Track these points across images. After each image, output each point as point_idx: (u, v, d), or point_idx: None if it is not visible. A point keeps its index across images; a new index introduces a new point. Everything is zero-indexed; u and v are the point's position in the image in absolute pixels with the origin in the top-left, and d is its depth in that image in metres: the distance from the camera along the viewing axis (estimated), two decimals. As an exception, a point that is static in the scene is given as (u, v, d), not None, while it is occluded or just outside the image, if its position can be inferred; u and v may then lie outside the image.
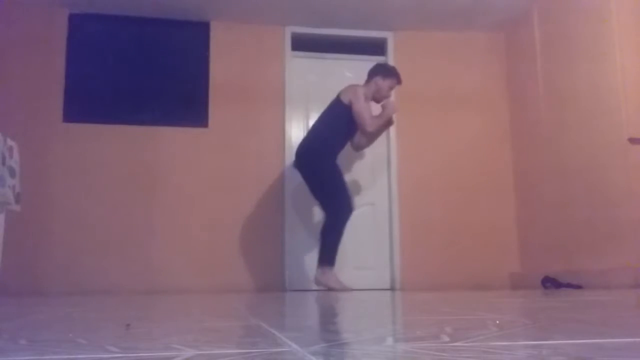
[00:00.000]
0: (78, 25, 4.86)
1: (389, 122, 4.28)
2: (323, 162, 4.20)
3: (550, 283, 4.24)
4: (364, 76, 5.00)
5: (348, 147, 4.45)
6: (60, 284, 4.39)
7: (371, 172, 5.07)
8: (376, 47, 5.31)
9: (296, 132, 5.07)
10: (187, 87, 4.96)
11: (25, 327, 1.30)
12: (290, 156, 4.98)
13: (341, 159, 4.58)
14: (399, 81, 4.35)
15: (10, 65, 4.64)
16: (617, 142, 3.94)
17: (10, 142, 3.02)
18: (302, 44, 5.19)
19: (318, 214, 4.43)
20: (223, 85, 4.98)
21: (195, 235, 4.73)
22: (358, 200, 4.56)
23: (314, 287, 4.75)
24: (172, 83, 4.95)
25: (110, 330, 1.21)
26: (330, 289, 4.03)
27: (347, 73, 5.15)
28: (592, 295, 2.74)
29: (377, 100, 4.33)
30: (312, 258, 4.75)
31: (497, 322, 1.26)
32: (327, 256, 4.07)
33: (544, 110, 4.76)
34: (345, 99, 4.24)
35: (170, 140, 4.85)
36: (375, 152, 4.79)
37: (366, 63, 5.26)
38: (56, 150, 4.66)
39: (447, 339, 0.95)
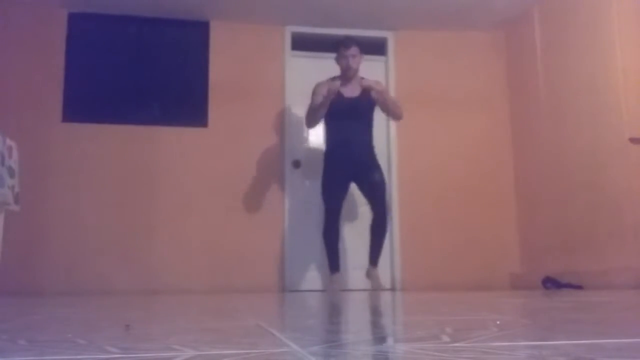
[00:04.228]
0: (77, 24, 4.85)
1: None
2: None
3: (551, 283, 4.23)
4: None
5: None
6: (59, 284, 4.38)
7: (371, 172, 5.05)
8: (376, 46, 5.30)
9: (296, 132, 5.06)
10: (187, 87, 4.96)
11: (25, 328, 1.30)
12: (289, 155, 4.97)
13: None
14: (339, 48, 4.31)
15: (10, 65, 4.63)
16: (618, 142, 3.93)
17: (9, 142, 3.02)
18: (302, 43, 5.18)
19: (317, 214, 4.42)
20: (223, 84, 4.97)
21: (195, 235, 4.73)
22: (358, 201, 4.56)
23: (314, 287, 4.75)
24: (172, 83, 4.95)
25: (109, 331, 1.21)
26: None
27: (347, 73, 5.14)
28: (593, 295, 2.74)
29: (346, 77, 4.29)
30: (312, 258, 4.75)
31: (498, 322, 1.26)
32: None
33: (544, 110, 4.75)
34: None
35: (170, 140, 4.85)
36: (377, 147, 4.79)
37: (366, 63, 5.25)
38: (55, 150, 4.65)
39: (447, 339, 0.94)
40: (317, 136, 5.09)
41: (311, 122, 4.33)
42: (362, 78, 4.26)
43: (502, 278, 4.95)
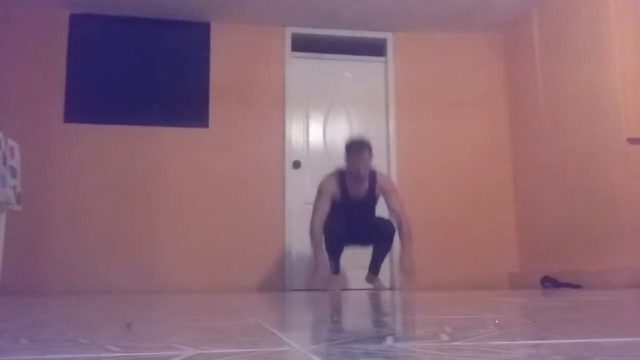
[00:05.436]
0: (79, 25, 4.86)
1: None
2: None
3: (550, 283, 4.24)
4: (364, 77, 5.01)
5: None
6: (60, 284, 4.39)
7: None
8: (376, 47, 5.31)
9: (296, 132, 5.07)
10: (188, 88, 4.97)
11: (26, 327, 1.31)
12: (289, 156, 4.98)
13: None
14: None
15: (12, 66, 4.64)
16: (616, 142, 3.94)
17: (11, 143, 3.03)
18: (302, 44, 5.19)
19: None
20: (223, 85, 4.98)
21: (195, 235, 4.74)
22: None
23: (314, 286, 4.75)
24: (173, 83, 4.95)
25: (111, 330, 1.22)
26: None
27: (347, 73, 5.16)
28: (591, 294, 2.75)
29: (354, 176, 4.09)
30: (311, 258, 4.74)
31: (497, 321, 1.27)
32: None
33: (543, 111, 4.76)
34: None
35: (170, 140, 4.85)
36: (374, 152, 4.80)
37: (366, 64, 5.28)
38: (57, 151, 4.66)
39: (446, 338, 0.95)
40: (317, 137, 5.10)
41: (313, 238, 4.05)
42: (373, 172, 4.14)
43: (501, 277, 4.95)
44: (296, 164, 4.98)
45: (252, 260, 4.75)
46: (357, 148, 4.05)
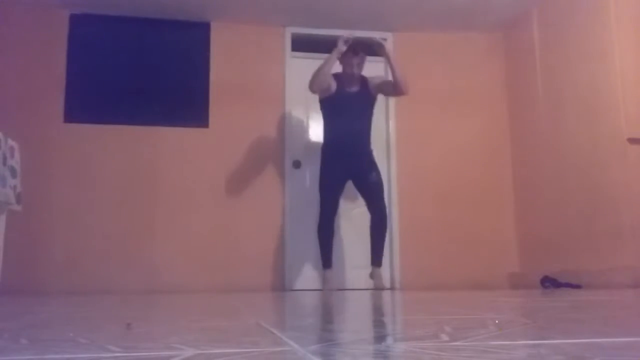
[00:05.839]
0: (79, 25, 4.86)
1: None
2: None
3: (550, 283, 4.24)
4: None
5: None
6: (60, 284, 4.39)
7: (371, 172, 5.05)
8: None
9: (296, 132, 5.07)
10: (188, 87, 4.97)
11: (26, 327, 1.31)
12: (289, 155, 4.98)
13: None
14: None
15: (11, 66, 4.64)
16: (616, 142, 3.94)
17: (11, 143, 3.03)
18: (302, 44, 5.19)
19: (316, 215, 4.43)
20: (223, 85, 4.98)
21: (195, 235, 4.74)
22: (357, 201, 4.57)
23: (313, 286, 4.75)
24: (173, 83, 4.95)
25: (111, 330, 1.22)
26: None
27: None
28: (592, 294, 2.75)
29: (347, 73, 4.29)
30: (311, 258, 4.75)
31: (497, 321, 1.27)
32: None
33: (543, 111, 4.76)
34: None
35: (170, 140, 4.85)
36: (374, 151, 4.81)
37: (366, 64, 5.26)
38: (57, 151, 4.66)
39: (446, 338, 0.95)
40: (317, 137, 5.09)
41: (314, 82, 4.16)
42: (365, 78, 4.33)
43: (501, 277, 4.95)
44: (296, 164, 4.98)
45: (252, 260, 4.75)
46: (354, 50, 4.22)
